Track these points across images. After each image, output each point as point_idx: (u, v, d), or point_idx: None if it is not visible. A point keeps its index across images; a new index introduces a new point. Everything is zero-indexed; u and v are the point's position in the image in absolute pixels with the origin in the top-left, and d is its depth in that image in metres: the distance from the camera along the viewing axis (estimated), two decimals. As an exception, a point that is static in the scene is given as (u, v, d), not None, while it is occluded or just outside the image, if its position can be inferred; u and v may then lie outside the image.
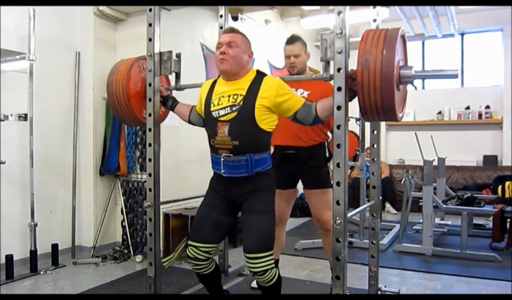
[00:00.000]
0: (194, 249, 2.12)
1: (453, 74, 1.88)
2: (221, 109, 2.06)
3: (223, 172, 2.08)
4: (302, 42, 2.73)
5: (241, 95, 2.04)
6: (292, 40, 2.71)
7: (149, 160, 2.46)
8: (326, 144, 2.75)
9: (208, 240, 2.12)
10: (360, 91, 1.77)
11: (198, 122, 2.40)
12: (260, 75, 2.11)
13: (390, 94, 1.73)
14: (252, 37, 2.23)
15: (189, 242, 2.14)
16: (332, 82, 1.91)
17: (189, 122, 2.45)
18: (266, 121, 2.05)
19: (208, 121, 2.15)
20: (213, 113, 2.09)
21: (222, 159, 2.07)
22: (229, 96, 2.07)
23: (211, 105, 2.11)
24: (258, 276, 2.02)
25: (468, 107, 6.87)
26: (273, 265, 2.05)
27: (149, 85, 2.44)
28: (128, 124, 2.75)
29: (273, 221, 2.07)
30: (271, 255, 2.02)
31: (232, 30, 2.14)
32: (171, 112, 2.59)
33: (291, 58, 2.68)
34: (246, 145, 2.02)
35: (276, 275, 2.09)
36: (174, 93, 2.56)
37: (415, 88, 2.04)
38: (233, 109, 2.03)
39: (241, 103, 2.03)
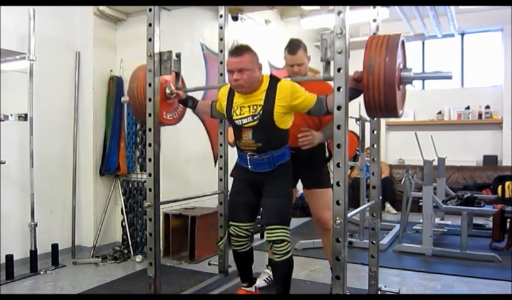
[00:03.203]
0: (236, 228, 2.43)
1: (448, 76, 2.03)
2: (244, 118, 2.29)
3: (250, 167, 2.36)
4: (303, 47, 2.68)
5: (259, 105, 2.26)
6: (295, 49, 2.65)
7: (149, 160, 2.46)
8: (326, 144, 2.75)
9: (245, 219, 2.43)
10: (366, 93, 1.93)
11: (220, 116, 2.73)
12: (274, 80, 2.29)
13: (392, 95, 1.90)
14: (252, 37, 2.25)
15: (231, 223, 2.45)
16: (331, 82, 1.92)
17: (212, 116, 2.72)
18: (284, 121, 2.29)
19: (232, 126, 2.40)
20: (236, 121, 2.32)
21: (248, 157, 2.34)
22: (249, 107, 2.29)
23: (234, 114, 2.34)
24: (276, 245, 2.28)
25: (468, 107, 6.86)
26: (289, 239, 2.30)
27: (149, 85, 2.45)
28: None
29: (289, 202, 2.37)
30: (287, 229, 2.30)
31: (238, 53, 2.24)
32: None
33: (295, 67, 2.65)
34: (268, 145, 2.29)
35: (291, 253, 2.32)
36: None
37: (414, 87, 2.24)
38: (255, 118, 2.26)
39: (261, 112, 2.25)
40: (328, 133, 2.54)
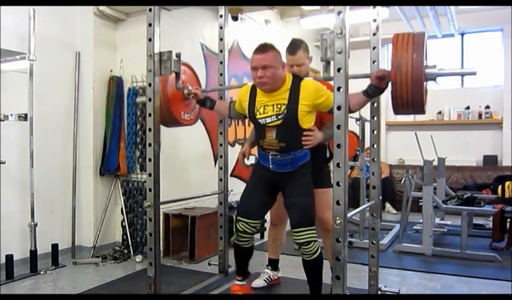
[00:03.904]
0: (244, 223, 2.44)
1: (472, 72, 2.13)
2: (267, 117, 2.31)
3: (272, 167, 2.37)
4: (304, 47, 2.65)
5: (283, 104, 2.28)
6: (294, 49, 2.61)
7: (149, 160, 2.46)
8: (326, 144, 2.75)
9: (255, 217, 2.44)
10: (394, 90, 2.00)
11: (238, 117, 2.77)
12: (297, 79, 2.33)
13: (419, 92, 1.98)
14: (252, 37, 2.26)
15: (239, 218, 2.45)
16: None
17: (229, 117, 2.77)
18: (307, 121, 2.31)
19: (255, 125, 2.42)
20: (259, 120, 2.34)
21: (270, 157, 2.35)
22: (273, 105, 2.30)
23: (257, 113, 2.35)
24: (304, 247, 2.32)
25: (468, 107, 6.86)
26: (316, 238, 2.33)
27: (149, 85, 2.45)
28: (168, 125, 2.85)
29: (312, 201, 2.36)
30: (313, 230, 2.32)
31: (262, 50, 2.28)
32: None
33: (295, 68, 2.61)
34: (291, 145, 2.31)
35: (319, 250, 2.36)
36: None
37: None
38: (279, 117, 2.28)
39: (285, 111, 2.27)
40: (328, 133, 2.53)
